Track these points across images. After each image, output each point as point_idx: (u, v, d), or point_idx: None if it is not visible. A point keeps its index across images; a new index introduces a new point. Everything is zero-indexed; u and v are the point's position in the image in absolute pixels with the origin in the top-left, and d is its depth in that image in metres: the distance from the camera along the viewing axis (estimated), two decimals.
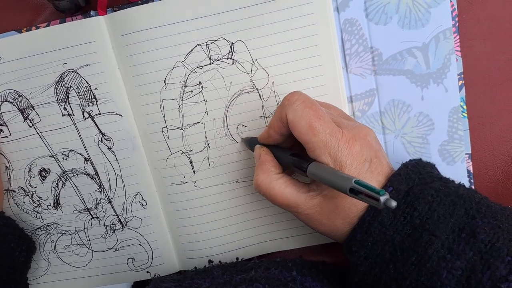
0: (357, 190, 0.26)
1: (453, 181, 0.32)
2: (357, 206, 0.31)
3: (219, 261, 0.41)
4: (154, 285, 0.34)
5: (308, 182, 0.33)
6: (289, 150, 0.34)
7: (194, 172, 0.40)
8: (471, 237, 0.28)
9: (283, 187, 0.32)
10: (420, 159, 0.33)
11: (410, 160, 0.33)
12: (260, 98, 0.39)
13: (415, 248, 0.29)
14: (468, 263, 0.27)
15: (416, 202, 0.29)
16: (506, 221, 0.29)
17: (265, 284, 0.31)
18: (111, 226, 0.42)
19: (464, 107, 0.40)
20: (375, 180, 0.31)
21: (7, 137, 0.41)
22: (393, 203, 0.24)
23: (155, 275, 0.42)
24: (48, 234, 0.42)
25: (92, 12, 0.40)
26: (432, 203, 0.29)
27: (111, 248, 0.42)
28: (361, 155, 0.30)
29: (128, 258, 0.42)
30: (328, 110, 0.34)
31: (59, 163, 0.41)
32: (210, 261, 0.41)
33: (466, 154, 0.40)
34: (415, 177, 0.31)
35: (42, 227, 0.42)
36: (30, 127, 0.40)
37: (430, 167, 0.33)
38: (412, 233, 0.29)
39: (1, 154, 0.41)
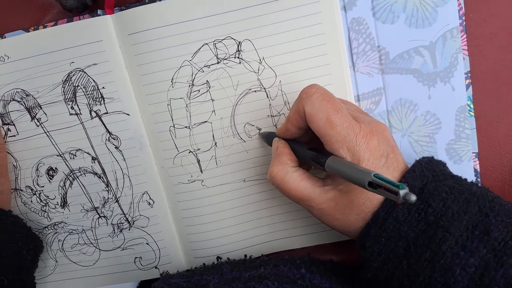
0: (376, 184, 0.26)
1: (465, 179, 0.32)
2: (372, 202, 0.31)
3: (228, 258, 0.41)
4: (163, 281, 0.34)
5: (323, 177, 0.33)
6: (306, 144, 0.34)
7: (201, 171, 0.40)
8: (485, 234, 0.28)
9: (298, 180, 0.32)
10: (432, 157, 0.33)
11: (423, 158, 0.33)
12: (267, 97, 0.39)
13: (429, 244, 0.29)
14: (482, 261, 0.27)
15: (430, 199, 0.30)
16: None
17: (274, 281, 0.31)
18: (119, 225, 0.42)
19: (471, 106, 0.40)
20: (391, 175, 0.31)
21: (14, 136, 0.41)
22: (413, 197, 0.24)
23: (163, 272, 0.42)
24: (56, 233, 0.42)
25: (99, 11, 0.40)
26: (446, 200, 0.29)
27: (118, 247, 0.42)
28: (378, 150, 0.30)
29: (136, 257, 0.42)
30: (345, 105, 0.34)
31: (66, 162, 0.41)
32: (218, 258, 0.41)
33: (473, 153, 0.40)
34: (429, 174, 0.31)
35: (50, 226, 0.42)
36: (38, 126, 0.40)
37: (442, 165, 0.33)
38: (426, 229, 0.29)
39: (9, 153, 0.41)
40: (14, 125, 0.41)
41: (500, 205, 0.29)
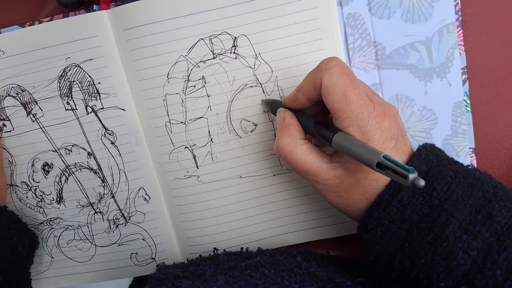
0: (385, 165, 0.25)
1: (468, 165, 0.32)
2: (378, 183, 0.31)
3: (224, 250, 0.41)
4: (159, 271, 0.34)
5: (330, 153, 0.33)
6: (313, 117, 0.34)
7: (197, 166, 0.40)
8: (488, 219, 0.28)
9: (306, 153, 0.32)
10: (434, 144, 0.33)
11: (426, 143, 0.32)
12: (264, 92, 0.39)
13: (432, 227, 0.29)
14: (484, 244, 0.27)
15: (435, 182, 0.29)
16: None
17: (270, 269, 0.31)
18: (114, 220, 0.42)
19: (468, 101, 0.40)
20: (399, 158, 0.31)
21: (10, 131, 0.41)
22: (422, 182, 0.24)
23: (160, 264, 0.41)
24: (51, 229, 0.42)
25: (95, 7, 0.39)
26: (451, 184, 0.29)
27: (114, 243, 0.42)
28: (389, 132, 0.30)
29: (132, 253, 0.42)
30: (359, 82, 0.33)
31: (62, 157, 0.41)
32: (215, 249, 0.41)
33: (469, 148, 0.40)
34: (434, 159, 0.31)
35: (45, 222, 0.42)
36: (33, 121, 0.40)
37: (443, 152, 0.33)
38: (430, 212, 0.29)
39: (4, 148, 0.41)
40: (9, 120, 0.41)
41: (503, 191, 0.29)
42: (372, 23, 0.39)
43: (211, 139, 0.40)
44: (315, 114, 0.35)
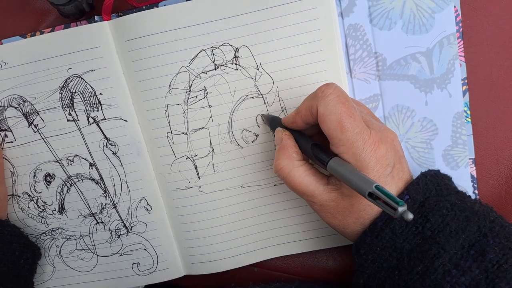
0: (376, 195, 0.26)
1: (469, 196, 0.32)
2: (372, 209, 0.31)
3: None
4: None
5: (328, 174, 0.33)
6: (310, 138, 0.34)
7: (199, 177, 0.40)
8: (480, 255, 0.28)
9: (303, 175, 0.32)
10: (438, 171, 0.33)
11: (429, 170, 0.33)
12: (265, 103, 0.39)
13: (422, 258, 0.29)
14: (473, 281, 0.27)
15: (430, 214, 0.29)
16: None
17: None
18: (116, 231, 0.42)
19: (468, 112, 0.40)
20: (395, 185, 0.31)
21: (11, 142, 0.41)
22: (410, 216, 0.24)
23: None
24: (53, 239, 0.42)
25: (96, 17, 0.40)
26: (446, 216, 0.29)
27: (116, 253, 0.42)
28: (385, 159, 0.30)
29: (133, 263, 0.42)
30: (358, 107, 0.33)
31: (64, 168, 0.41)
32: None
33: (469, 159, 0.40)
34: (432, 188, 0.31)
35: (47, 232, 0.42)
36: (35, 132, 0.40)
37: (448, 179, 0.33)
38: (422, 243, 0.29)
39: (6, 159, 0.41)
40: (11, 131, 0.41)
41: (500, 227, 0.29)
42: (373, 34, 0.39)
43: (213, 150, 0.40)
44: (313, 134, 0.35)
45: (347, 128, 0.30)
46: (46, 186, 0.41)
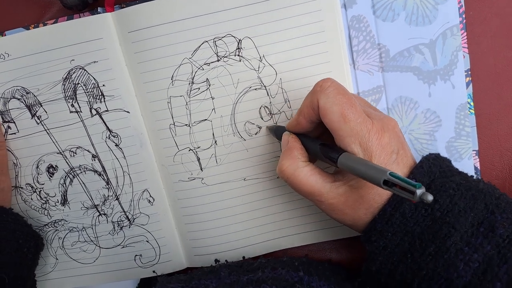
0: (392, 183, 0.26)
1: (471, 176, 0.32)
2: (381, 197, 0.31)
3: (226, 261, 0.41)
4: (161, 286, 0.34)
5: (332, 172, 0.33)
6: (317, 139, 0.34)
7: (201, 169, 0.40)
8: (490, 231, 0.28)
9: (308, 175, 0.32)
10: (438, 154, 0.33)
11: (430, 154, 0.33)
12: (268, 95, 0.39)
13: (433, 239, 0.29)
14: (485, 257, 0.27)
15: (437, 195, 0.30)
16: None
17: (272, 285, 0.31)
18: (119, 222, 0.42)
19: (471, 103, 0.40)
20: (401, 171, 0.31)
21: (14, 133, 0.41)
22: (430, 197, 0.24)
23: (162, 276, 0.42)
24: (56, 230, 0.42)
25: (99, 9, 0.40)
26: (453, 196, 0.29)
27: (118, 245, 0.42)
28: (390, 146, 0.30)
29: (136, 255, 0.42)
30: (356, 99, 0.33)
31: (66, 160, 0.41)
32: (216, 261, 0.41)
33: (473, 150, 0.40)
34: (436, 170, 0.31)
35: (50, 223, 0.42)
36: (38, 124, 0.40)
37: (448, 161, 0.33)
38: (432, 225, 0.29)
39: (9, 151, 0.41)
40: (14, 122, 0.41)
41: (506, 203, 0.30)
42: (376, 25, 0.39)
43: (215, 142, 0.40)
44: (320, 135, 0.35)
45: (350, 118, 0.30)
46: (49, 178, 0.41)
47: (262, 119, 0.40)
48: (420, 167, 0.31)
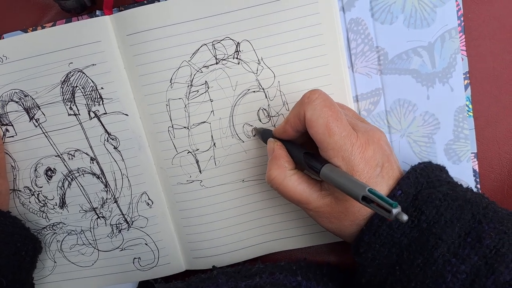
0: (370, 199, 0.26)
1: (460, 184, 0.33)
2: (366, 209, 0.31)
3: (223, 267, 0.41)
4: None
5: (319, 179, 0.34)
6: (301, 146, 0.34)
7: (200, 171, 0.40)
8: (477, 242, 0.28)
9: (296, 183, 0.33)
10: (430, 162, 0.34)
11: (419, 163, 0.33)
12: (266, 97, 0.39)
13: (421, 251, 0.29)
14: (473, 268, 0.27)
15: (424, 206, 0.30)
16: None
17: None
18: (117, 225, 0.42)
19: (470, 106, 0.40)
20: (386, 184, 0.31)
21: (13, 136, 0.41)
22: (405, 217, 0.24)
23: (160, 281, 0.42)
24: (54, 233, 0.42)
25: (98, 12, 0.40)
26: (439, 207, 0.30)
27: (117, 248, 0.42)
28: (374, 160, 0.31)
29: (134, 258, 0.42)
30: (343, 110, 0.34)
31: (65, 162, 0.41)
32: (214, 267, 0.41)
33: (471, 153, 0.40)
34: (423, 181, 0.31)
35: (48, 226, 0.42)
36: (36, 126, 0.40)
37: (439, 170, 0.33)
38: (419, 236, 0.29)
39: (7, 153, 0.41)
40: (12, 125, 0.41)
41: (494, 212, 0.30)
42: (375, 28, 0.39)
43: (214, 144, 0.40)
44: (305, 143, 0.36)
45: (335, 132, 0.30)
46: (47, 181, 0.41)
47: (261, 121, 0.40)
48: (406, 178, 0.31)
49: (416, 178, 0.31)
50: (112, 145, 0.40)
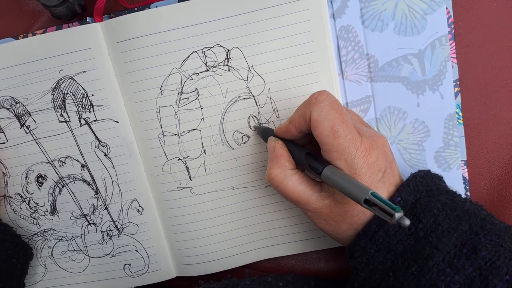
0: (372, 202, 0.26)
1: (459, 194, 0.33)
2: (365, 214, 0.31)
3: (209, 282, 0.40)
4: None
5: (320, 180, 0.34)
6: (303, 147, 0.34)
7: (190, 178, 0.40)
8: (473, 253, 0.28)
9: (296, 183, 0.33)
10: (429, 171, 0.33)
11: (419, 171, 0.33)
12: (256, 104, 0.39)
13: (416, 259, 0.29)
14: (467, 279, 0.27)
15: (421, 215, 0.30)
16: (509, 239, 0.29)
17: None
18: (108, 232, 0.42)
19: (460, 113, 0.40)
20: (386, 190, 0.31)
21: (4, 143, 0.41)
22: (407, 222, 0.24)
23: None
24: (45, 240, 0.42)
25: (88, 19, 0.40)
26: (437, 216, 0.30)
27: (107, 254, 0.42)
28: (377, 165, 0.31)
29: (125, 264, 0.42)
30: (348, 114, 0.34)
31: (55, 169, 0.41)
32: (200, 282, 0.41)
33: (461, 160, 0.40)
34: (423, 189, 0.31)
35: (39, 233, 0.42)
36: (27, 133, 0.40)
37: (438, 179, 0.33)
38: (415, 244, 0.29)
39: None
40: (3, 132, 0.41)
41: (491, 224, 0.30)
42: (365, 35, 0.39)
43: (204, 151, 0.40)
44: (306, 144, 0.36)
45: (340, 134, 0.30)
46: (38, 187, 0.41)
47: (251, 128, 0.40)
48: (406, 185, 0.31)
49: (416, 185, 0.31)
50: (103, 152, 0.40)
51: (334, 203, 0.32)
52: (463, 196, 0.40)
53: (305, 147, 0.35)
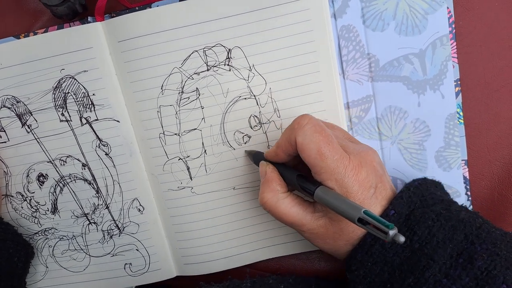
0: (366, 221, 0.26)
1: (455, 202, 0.33)
2: (361, 229, 0.31)
3: (210, 284, 0.40)
4: None
5: (313, 200, 0.34)
6: (294, 169, 0.34)
7: (191, 178, 0.40)
8: (469, 263, 0.28)
9: (289, 206, 0.33)
10: (425, 178, 0.34)
11: (414, 180, 0.33)
12: (257, 104, 0.39)
13: (413, 270, 0.29)
14: None
15: (416, 226, 0.30)
16: (505, 248, 0.29)
17: None
18: (109, 231, 0.42)
19: (461, 113, 0.40)
20: (379, 205, 0.31)
21: (5, 142, 0.41)
22: (402, 239, 0.25)
23: None
24: (46, 239, 0.42)
25: (89, 18, 0.40)
26: (432, 227, 0.30)
27: (108, 253, 0.42)
28: (367, 181, 0.31)
29: (125, 263, 0.43)
30: (333, 131, 0.34)
31: (56, 168, 0.41)
32: (202, 284, 0.41)
33: (462, 160, 0.40)
34: (417, 200, 0.31)
35: (40, 232, 0.42)
36: (28, 132, 0.41)
37: (434, 186, 0.33)
38: (411, 256, 0.30)
39: None
40: (4, 131, 0.41)
41: (487, 232, 0.30)
42: (366, 35, 0.39)
43: (205, 151, 0.40)
44: (297, 164, 0.36)
45: (327, 156, 0.30)
46: (39, 186, 0.41)
47: (252, 128, 0.40)
48: (399, 198, 0.31)
49: (409, 197, 0.31)
50: (104, 151, 0.40)
51: (329, 221, 0.32)
52: (463, 196, 0.40)
53: (296, 168, 0.35)
